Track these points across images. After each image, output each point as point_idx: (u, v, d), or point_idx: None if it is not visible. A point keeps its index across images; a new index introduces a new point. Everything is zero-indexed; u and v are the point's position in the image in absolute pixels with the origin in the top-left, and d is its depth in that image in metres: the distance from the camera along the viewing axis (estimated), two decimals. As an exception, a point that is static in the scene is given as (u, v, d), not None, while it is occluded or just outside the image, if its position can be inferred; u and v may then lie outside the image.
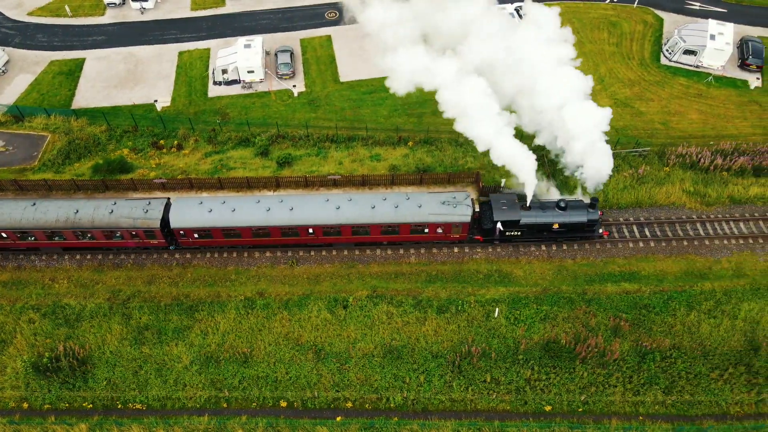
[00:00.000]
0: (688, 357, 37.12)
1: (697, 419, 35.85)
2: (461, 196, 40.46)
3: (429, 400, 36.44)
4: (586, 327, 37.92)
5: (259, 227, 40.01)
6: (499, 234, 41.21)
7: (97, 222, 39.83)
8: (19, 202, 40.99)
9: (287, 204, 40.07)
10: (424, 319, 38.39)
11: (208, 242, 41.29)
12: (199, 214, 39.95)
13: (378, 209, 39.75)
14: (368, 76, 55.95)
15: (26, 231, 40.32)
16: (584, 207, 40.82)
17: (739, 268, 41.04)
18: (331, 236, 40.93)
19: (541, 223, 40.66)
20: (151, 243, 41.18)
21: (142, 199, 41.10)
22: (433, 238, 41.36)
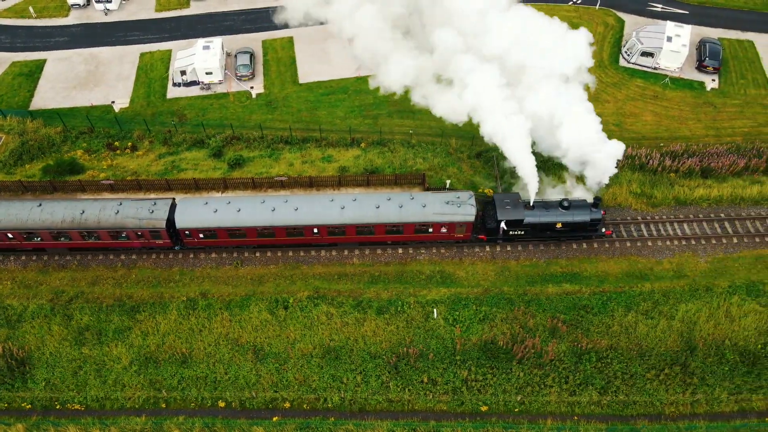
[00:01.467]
0: (625, 357, 37.39)
1: (632, 419, 36.14)
2: (465, 196, 40.85)
3: (366, 401, 36.70)
4: (524, 328, 38.17)
5: (264, 227, 40.33)
6: (502, 233, 41.50)
7: (103, 222, 40.08)
8: (25, 203, 41.28)
9: (292, 204, 40.42)
10: (364, 319, 38.62)
11: (213, 242, 41.58)
12: (205, 214, 40.25)
13: (382, 209, 40.13)
14: (328, 77, 56.25)
15: (32, 232, 40.49)
16: (587, 206, 41.16)
17: (680, 269, 41.34)
18: (335, 236, 41.25)
19: (545, 223, 40.96)
20: (157, 243, 41.41)
21: (147, 200, 41.40)
22: (437, 238, 41.70)
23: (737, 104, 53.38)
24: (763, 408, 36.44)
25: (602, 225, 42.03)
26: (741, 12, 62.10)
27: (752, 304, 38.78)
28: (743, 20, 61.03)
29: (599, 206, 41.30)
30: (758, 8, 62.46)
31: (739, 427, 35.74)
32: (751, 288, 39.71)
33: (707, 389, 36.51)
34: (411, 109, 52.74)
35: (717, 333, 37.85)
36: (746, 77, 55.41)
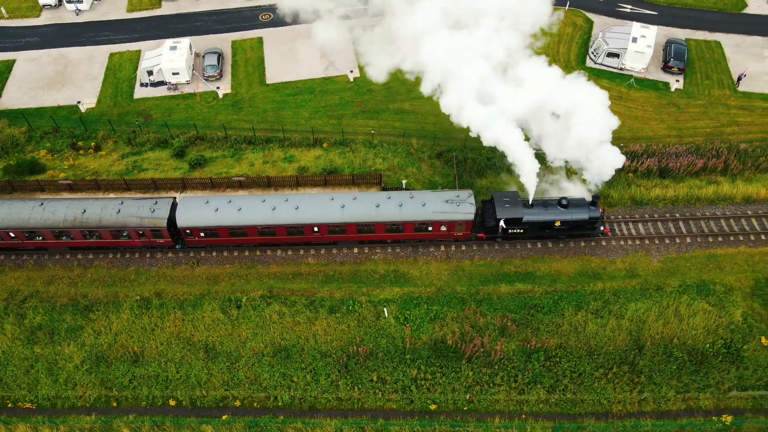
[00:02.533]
0: (574, 356, 37.65)
1: (580, 417, 36.39)
2: (464, 195, 41.19)
3: (316, 399, 36.95)
4: (474, 327, 38.43)
5: (265, 226, 40.65)
6: (501, 232, 41.80)
7: (105, 221, 40.39)
8: (27, 202, 41.57)
9: (293, 203, 40.73)
10: (316, 318, 38.89)
11: (214, 241, 41.89)
12: (206, 213, 40.59)
13: (382, 208, 40.49)
14: (295, 78, 56.50)
15: (34, 231, 40.74)
16: (586, 205, 41.43)
17: (632, 269, 41.62)
18: (336, 234, 41.60)
19: (543, 221, 41.26)
20: (158, 242, 41.71)
21: (149, 199, 41.70)
22: (437, 236, 42.06)
23: (701, 105, 53.64)
24: (710, 407, 36.69)
25: (601, 223, 42.29)
26: (710, 12, 62.36)
27: (701, 303, 39.06)
28: (711, 21, 61.29)
29: (598, 205, 41.59)
30: (727, 9, 62.71)
31: (685, 425, 36.02)
32: (702, 287, 40.00)
33: (654, 388, 36.77)
34: (375, 109, 53.36)
35: (666, 332, 38.14)
36: (711, 78, 55.67)
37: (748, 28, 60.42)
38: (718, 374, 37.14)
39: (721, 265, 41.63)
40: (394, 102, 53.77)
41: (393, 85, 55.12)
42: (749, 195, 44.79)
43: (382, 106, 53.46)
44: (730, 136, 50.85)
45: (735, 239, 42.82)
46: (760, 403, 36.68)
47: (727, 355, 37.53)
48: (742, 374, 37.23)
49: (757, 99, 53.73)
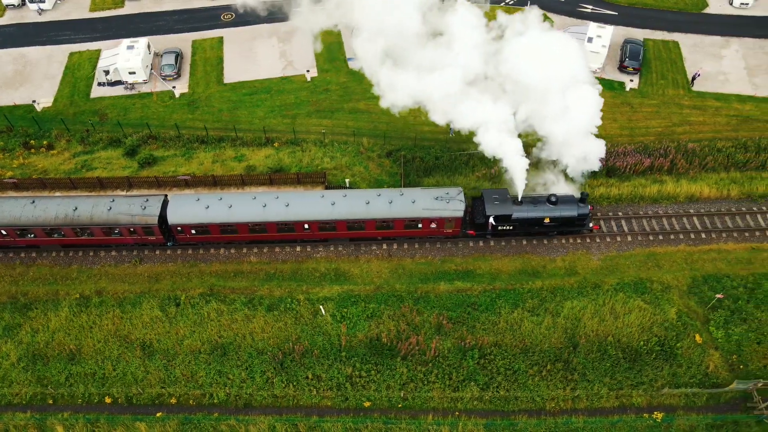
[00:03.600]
0: (509, 354, 37.87)
1: (513, 414, 36.61)
2: (454, 192, 41.38)
3: (251, 396, 37.16)
4: (410, 325, 38.65)
5: (255, 223, 40.84)
6: (491, 228, 42.00)
7: (96, 219, 40.54)
8: (18, 199, 41.75)
9: (283, 200, 40.88)
10: (253, 316, 39.10)
11: (205, 238, 42.12)
12: (197, 210, 40.78)
13: (372, 205, 40.66)
14: (253, 77, 56.71)
15: (26, 228, 40.89)
16: (575, 202, 41.66)
17: (572, 267, 41.88)
18: (326, 231, 41.79)
19: (533, 218, 41.47)
20: (149, 239, 41.90)
21: (140, 196, 41.82)
22: (427, 233, 42.25)
23: (654, 104, 53.89)
24: (642, 404, 36.94)
25: (590, 220, 42.60)
26: (670, 13, 62.61)
27: (637, 301, 39.31)
28: (671, 21, 61.55)
29: (586, 201, 41.83)
30: (688, 9, 62.97)
31: (616, 422, 36.27)
32: (639, 285, 40.26)
33: (587, 385, 37.00)
34: (330, 108, 53.60)
35: (601, 330, 38.36)
36: (666, 77, 55.94)
37: (708, 28, 60.68)
38: (652, 372, 37.40)
39: (660, 263, 41.88)
40: (350, 102, 53.99)
41: (350, 85, 55.51)
42: (692, 194, 45.09)
43: (337, 106, 53.68)
44: (681, 135, 51.10)
45: (675, 238, 43.09)
46: (693, 400, 36.93)
47: (661, 352, 37.82)
48: (675, 372, 37.49)
49: (710, 98, 54.00)
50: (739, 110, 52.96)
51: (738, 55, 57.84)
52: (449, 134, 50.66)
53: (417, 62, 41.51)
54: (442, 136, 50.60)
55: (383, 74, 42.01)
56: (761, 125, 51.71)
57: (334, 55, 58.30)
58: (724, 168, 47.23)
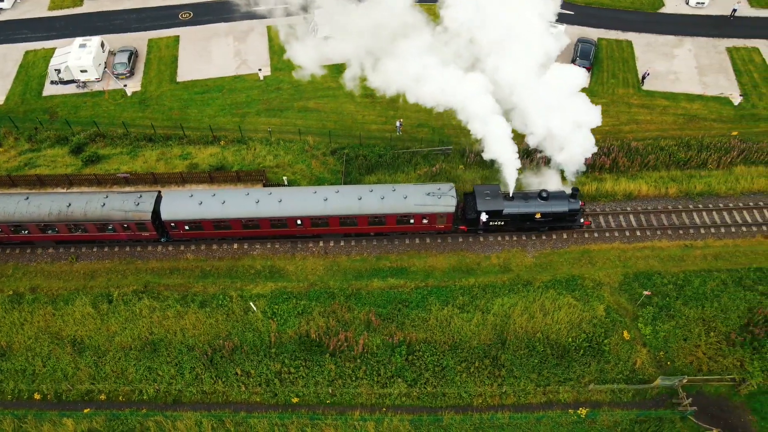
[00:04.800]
0: (438, 351, 38.10)
1: (440, 411, 36.84)
2: (446, 188, 41.57)
3: (181, 393, 37.35)
4: (340, 321, 38.87)
5: (248, 219, 41.05)
6: (483, 224, 42.23)
7: (90, 215, 40.69)
8: (12, 196, 41.96)
9: (276, 196, 41.09)
10: (185, 313, 39.29)
11: (198, 234, 42.34)
12: (190, 206, 40.91)
13: (365, 200, 40.85)
14: (206, 76, 56.88)
15: (20, 224, 41.09)
16: (566, 197, 41.91)
17: (506, 264, 42.13)
18: (319, 227, 41.98)
19: (524, 213, 41.71)
20: (143, 235, 42.14)
21: (133, 192, 42.01)
22: (419, 229, 42.48)
23: (603, 103, 53.60)
24: (569, 400, 37.20)
25: (581, 215, 42.86)
26: (625, 12, 62.94)
27: (567, 298, 39.56)
28: (626, 20, 61.88)
29: (577, 197, 42.12)
30: (644, 8, 63.31)
31: (541, 417, 36.52)
32: (570, 282, 40.53)
33: (514, 381, 37.26)
34: (280, 107, 53.81)
35: (530, 326, 38.60)
36: (617, 77, 56.21)
37: (662, 27, 61.02)
38: (579, 368, 37.66)
39: (593, 260, 42.16)
40: (300, 100, 54.20)
41: (302, 84, 55.68)
42: (630, 192, 45.35)
43: (287, 105, 53.89)
44: (628, 134, 51.40)
45: (611, 236, 43.37)
46: (619, 396, 37.21)
47: (589, 349, 38.07)
48: (603, 368, 37.75)
49: (659, 98, 54.29)
50: (686, 109, 53.27)
51: (690, 55, 58.18)
52: (397, 132, 50.94)
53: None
54: (389, 134, 50.86)
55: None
56: (707, 124, 52.04)
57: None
58: (666, 166, 47.54)
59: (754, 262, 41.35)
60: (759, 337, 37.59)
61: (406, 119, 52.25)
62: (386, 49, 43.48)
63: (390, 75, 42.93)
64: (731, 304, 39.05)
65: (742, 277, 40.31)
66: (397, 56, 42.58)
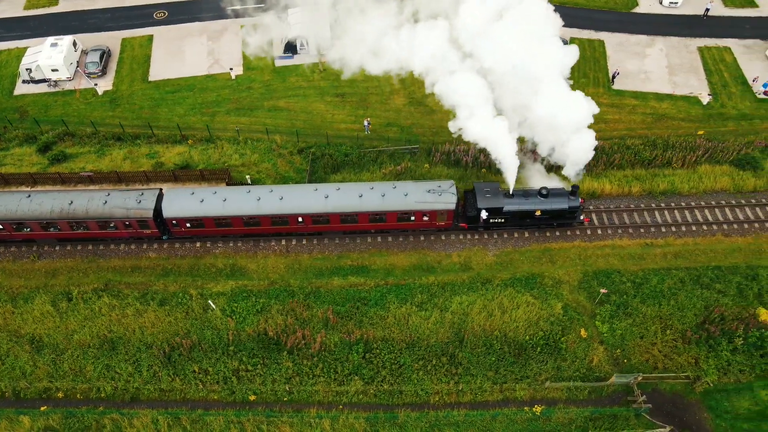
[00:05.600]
0: (396, 348, 38.23)
1: (396, 408, 36.97)
2: (446, 185, 41.75)
3: (139, 390, 37.46)
4: (298, 319, 39.00)
5: (250, 216, 41.19)
6: (483, 221, 42.38)
7: (92, 212, 40.84)
8: (14, 193, 42.13)
9: (277, 194, 41.23)
10: (145, 311, 39.40)
11: (200, 232, 42.41)
12: (191, 204, 41.06)
13: (365, 198, 40.98)
14: (178, 75, 56.98)
15: (22, 222, 41.25)
16: (565, 194, 42.07)
17: (467, 263, 42.27)
18: (320, 225, 42.13)
19: (524, 210, 41.85)
20: (144, 233, 42.23)
21: (135, 190, 42.16)
22: (420, 226, 42.62)
23: (573, 102, 54.25)
24: (526, 397, 37.34)
25: (580, 212, 43.01)
26: (599, 12, 63.15)
27: (526, 296, 39.71)
28: (599, 20, 62.08)
29: (577, 194, 42.30)
30: (617, 8, 63.53)
31: (497, 414, 36.66)
32: (529, 280, 40.69)
33: (471, 379, 37.39)
34: (250, 106, 53.92)
35: (488, 324, 38.74)
36: (588, 76, 56.32)
37: (635, 27, 61.25)
38: (536, 366, 37.81)
39: (554, 259, 42.33)
40: (270, 100, 54.33)
41: (273, 83, 55.89)
42: (593, 190, 45.49)
43: (258, 104, 54.00)
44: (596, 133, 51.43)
45: (572, 234, 43.54)
46: (575, 394, 37.37)
47: (546, 346, 38.21)
48: (559, 366, 37.91)
49: (629, 97, 54.47)
50: (655, 108, 53.46)
51: (662, 54, 58.39)
52: (365, 131, 51.09)
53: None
54: (357, 133, 51.00)
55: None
56: (675, 123, 52.23)
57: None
58: (631, 165, 47.70)
59: (713, 261, 41.56)
60: (714, 335, 37.79)
61: (375, 118, 52.43)
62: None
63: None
64: (688, 302, 39.24)
65: (701, 275, 40.50)
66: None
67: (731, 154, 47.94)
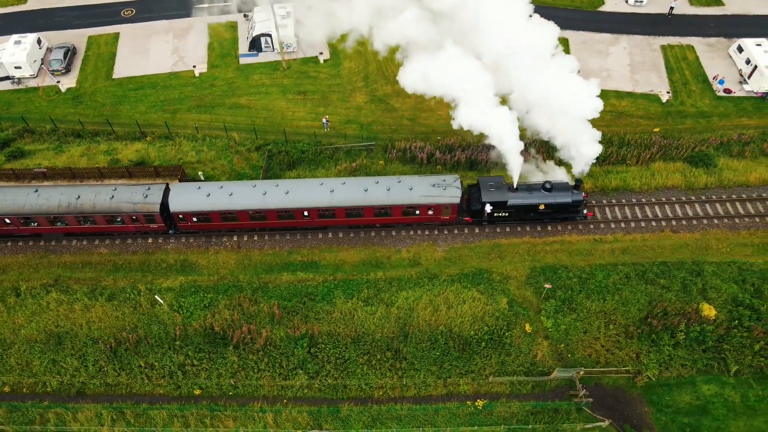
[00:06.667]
0: (341, 343, 38.46)
1: (341, 402, 37.21)
2: (451, 179, 41.99)
3: (85, 385, 37.68)
4: (245, 314, 39.23)
5: (256, 210, 41.43)
6: (487, 215, 42.63)
7: (99, 207, 41.19)
8: (22, 188, 42.43)
9: (283, 188, 41.52)
10: (93, 306, 39.61)
11: (206, 226, 42.67)
12: (198, 198, 41.35)
13: (370, 192, 41.27)
14: (142, 73, 57.20)
15: (29, 217, 41.50)
16: (569, 189, 42.35)
17: (416, 258, 42.52)
18: (326, 219, 42.35)
19: (528, 204, 42.14)
20: (151, 227, 42.51)
21: (142, 185, 42.42)
22: (424, 220, 42.86)
23: (534, 100, 54.52)
24: (470, 392, 37.61)
25: (584, 207, 43.28)
26: (565, 11, 63.34)
27: (472, 291, 39.98)
28: (565, 18, 61.98)
29: (581, 188, 42.59)
30: (584, 7, 63.80)
31: (439, 409, 36.92)
32: (477, 275, 40.94)
33: (414, 374, 37.64)
34: (211, 104, 54.16)
35: (433, 319, 38.99)
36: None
37: (600, 25, 61.53)
38: (481, 360, 38.05)
39: (503, 254, 42.60)
40: (232, 97, 54.55)
41: (236, 81, 56.11)
42: (545, 187, 45.73)
43: (219, 101, 54.22)
44: (555, 130, 51.78)
45: (522, 230, 43.79)
46: (518, 388, 37.63)
47: (491, 341, 38.47)
48: (504, 360, 38.16)
49: (589, 95, 54.65)
50: (615, 106, 53.71)
51: (624, 53, 58.68)
52: (324, 128, 51.33)
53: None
54: (316, 130, 51.24)
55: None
56: (634, 121, 52.52)
57: (227, 51, 58.91)
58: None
59: (659, 256, 41.85)
60: (657, 329, 38.08)
61: (336, 116, 52.69)
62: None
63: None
64: (632, 297, 39.52)
65: (646, 270, 40.78)
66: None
67: (686, 151, 48.26)
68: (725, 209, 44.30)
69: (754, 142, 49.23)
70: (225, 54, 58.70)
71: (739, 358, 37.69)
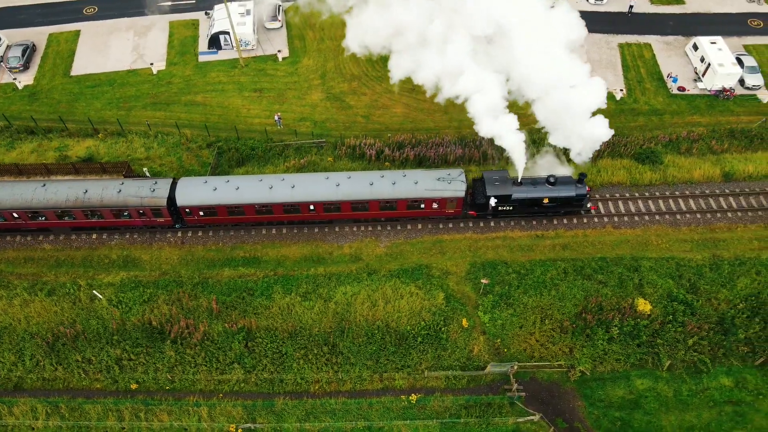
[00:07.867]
0: (278, 338, 38.68)
1: (276, 396, 37.44)
2: (455, 173, 42.31)
3: (22, 379, 37.86)
4: (183, 309, 39.43)
5: (262, 204, 41.70)
6: (492, 209, 42.90)
7: (106, 201, 41.34)
8: (29, 183, 42.54)
9: (289, 182, 41.80)
10: (32, 301, 39.78)
11: (213, 220, 42.90)
12: (204, 192, 41.62)
13: (376, 186, 41.55)
14: (100, 70, 57.34)
15: (37, 211, 41.69)
16: (573, 182, 42.66)
17: (358, 254, 42.76)
18: (331, 212, 42.69)
19: (532, 198, 42.45)
20: (158, 221, 42.68)
21: (149, 179, 42.61)
22: (429, 213, 43.14)
23: (488, 98, 54.74)
24: (405, 386, 37.89)
25: (587, 200, 43.57)
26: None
27: (410, 286, 40.21)
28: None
29: (584, 182, 42.88)
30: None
31: (374, 403, 37.15)
32: (416, 271, 41.18)
33: (350, 368, 37.88)
34: (167, 101, 54.32)
35: (371, 314, 39.22)
36: (506, 72, 56.83)
37: (561, 24, 61.73)
38: (417, 355, 38.31)
39: (444, 250, 42.84)
40: (189, 94, 54.74)
41: (194, 78, 56.29)
42: (491, 183, 45.98)
43: (175, 98, 54.40)
44: (507, 128, 52.01)
45: (465, 225, 44.05)
46: (454, 382, 37.89)
47: (428, 336, 38.70)
48: (440, 355, 38.43)
49: (543, 92, 54.91)
50: (568, 104, 53.94)
51: (582, 51, 58.81)
52: (277, 125, 51.55)
53: None
54: (269, 128, 51.44)
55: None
56: (586, 118, 52.73)
57: (187, 49, 59.11)
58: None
59: (599, 252, 42.13)
60: (591, 324, 38.34)
61: (290, 113, 52.92)
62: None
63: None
64: (569, 292, 39.78)
65: (584, 266, 41.06)
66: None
67: (634, 148, 48.53)
68: (667, 205, 44.61)
69: (703, 139, 49.55)
70: (185, 52, 58.87)
71: (672, 352, 38.02)
